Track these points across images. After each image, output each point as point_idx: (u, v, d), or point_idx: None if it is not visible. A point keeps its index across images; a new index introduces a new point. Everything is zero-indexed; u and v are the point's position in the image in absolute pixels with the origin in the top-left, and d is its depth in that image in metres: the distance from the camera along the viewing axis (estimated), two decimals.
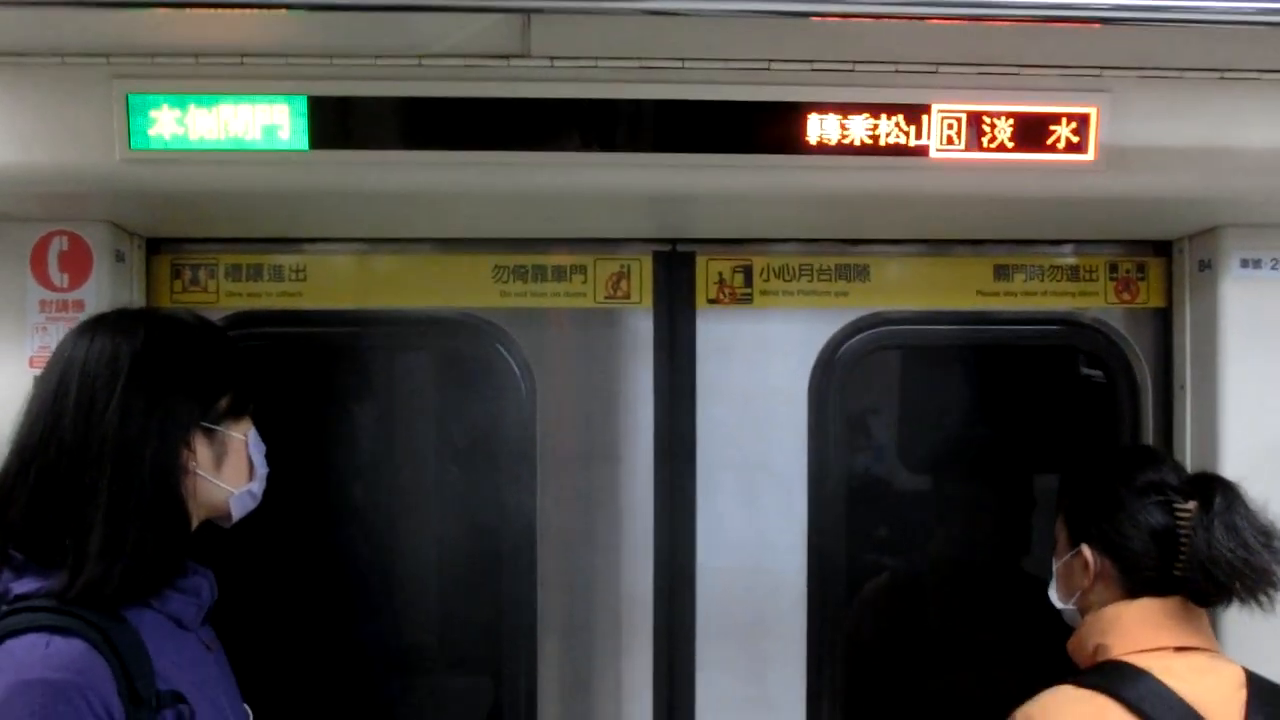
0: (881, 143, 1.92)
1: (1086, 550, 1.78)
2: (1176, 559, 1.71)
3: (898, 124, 1.92)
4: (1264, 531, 1.67)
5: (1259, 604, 1.66)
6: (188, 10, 1.73)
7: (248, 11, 1.73)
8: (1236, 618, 1.74)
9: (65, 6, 1.66)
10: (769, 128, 1.90)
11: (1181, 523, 1.71)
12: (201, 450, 1.56)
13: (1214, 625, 1.82)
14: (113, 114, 1.84)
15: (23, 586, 1.42)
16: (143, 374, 1.49)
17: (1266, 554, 1.65)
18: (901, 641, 2.64)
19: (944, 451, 2.66)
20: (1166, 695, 1.60)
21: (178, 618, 1.53)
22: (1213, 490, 1.70)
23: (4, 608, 1.43)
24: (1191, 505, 1.71)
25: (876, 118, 1.91)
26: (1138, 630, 1.70)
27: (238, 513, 1.66)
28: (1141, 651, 1.68)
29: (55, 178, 1.91)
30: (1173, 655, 1.67)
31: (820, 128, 1.91)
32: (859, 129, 1.92)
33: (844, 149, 1.92)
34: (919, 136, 1.92)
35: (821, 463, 2.40)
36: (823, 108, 1.91)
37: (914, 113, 1.92)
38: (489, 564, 2.43)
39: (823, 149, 1.91)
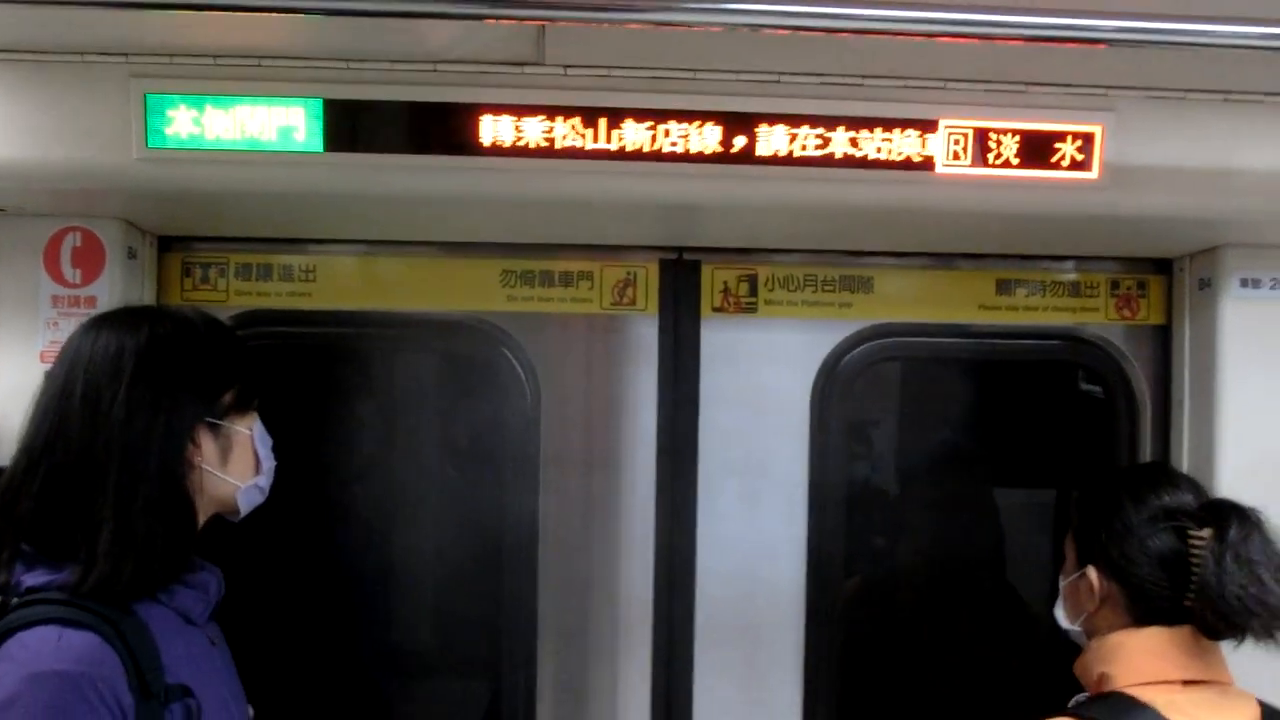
0: (888, 157, 1.94)
1: (1092, 573, 1.68)
2: (1187, 589, 1.59)
3: (905, 139, 1.94)
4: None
5: (1275, 642, 1.55)
6: (206, 13, 1.75)
7: (265, 15, 1.75)
8: (1251, 646, 1.62)
9: (86, 6, 1.68)
10: (777, 140, 1.93)
11: (1194, 551, 1.59)
12: (207, 445, 1.57)
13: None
14: (130, 112, 1.86)
15: (34, 579, 1.44)
16: (146, 370, 1.51)
17: None
18: (898, 648, 2.65)
19: (942, 462, 2.68)
20: None
21: (185, 613, 1.54)
22: (1229, 518, 1.58)
23: (15, 600, 1.44)
24: (1206, 533, 1.59)
25: (884, 132, 1.93)
26: (1143, 661, 1.60)
27: (245, 507, 1.67)
28: (1146, 684, 1.57)
29: (72, 174, 1.92)
30: (1179, 689, 1.57)
31: (829, 141, 1.93)
32: (866, 143, 1.94)
33: (851, 162, 1.94)
34: (926, 151, 1.95)
35: (822, 471, 2.42)
36: (831, 121, 1.93)
37: (921, 128, 1.94)
38: (490, 566, 2.44)
39: (830, 162, 1.93)
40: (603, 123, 1.91)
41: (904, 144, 1.94)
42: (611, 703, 2.41)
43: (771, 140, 1.93)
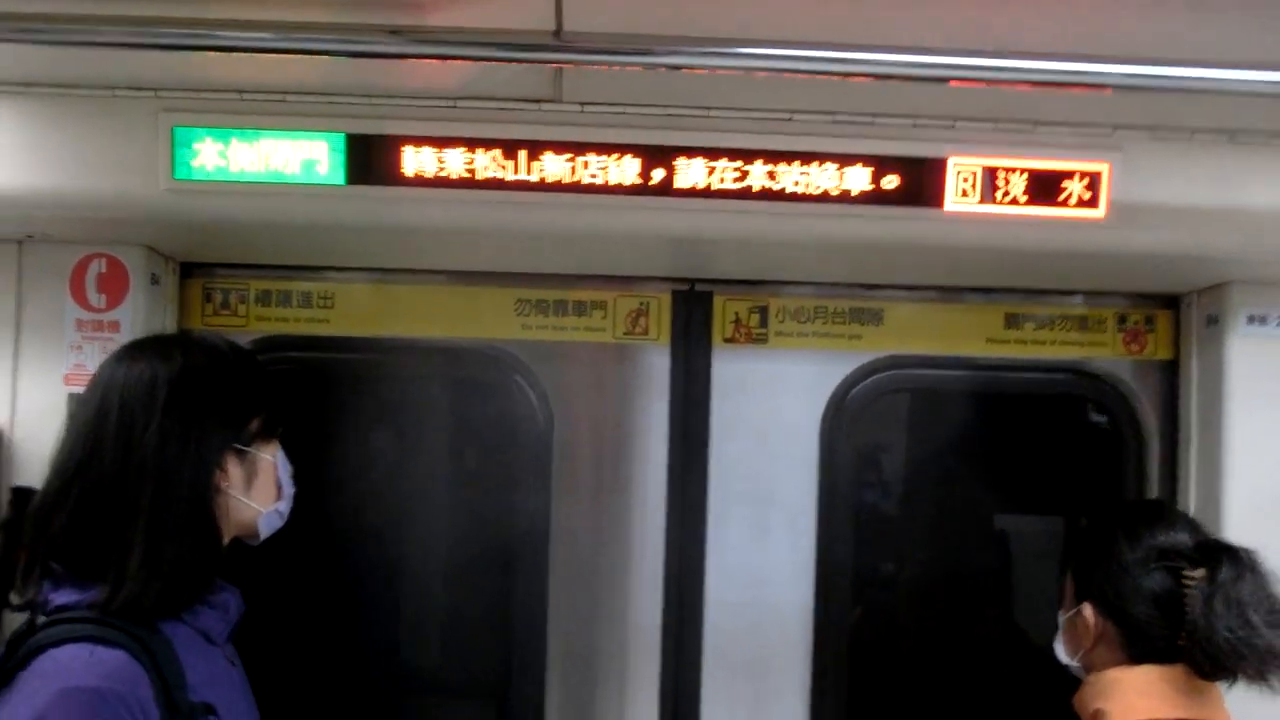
0: (897, 194, 1.97)
1: (1088, 610, 1.69)
2: (1181, 628, 1.60)
3: (914, 176, 1.96)
4: (1274, 610, 1.54)
5: (1268, 685, 1.54)
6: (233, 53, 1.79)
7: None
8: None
9: (116, 47, 1.73)
10: (789, 176, 1.96)
11: (1187, 592, 1.60)
12: (233, 471, 1.62)
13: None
14: (158, 145, 1.91)
15: (62, 598, 1.48)
16: (179, 399, 1.55)
17: (1272, 634, 1.52)
18: (905, 678, 2.65)
19: (950, 494, 2.69)
20: None
21: (207, 632, 1.57)
22: (1221, 559, 1.58)
23: (43, 619, 1.48)
24: (1199, 574, 1.59)
25: (893, 170, 1.96)
26: (1136, 699, 1.60)
27: (265, 531, 1.71)
28: None
29: (100, 203, 1.97)
30: None
31: (840, 178, 1.96)
32: (876, 180, 1.96)
33: (862, 199, 1.97)
34: (934, 189, 1.97)
35: (831, 501, 2.44)
36: (842, 159, 1.96)
37: (930, 166, 1.97)
38: (500, 591, 2.47)
39: (842, 199, 1.96)
40: (620, 159, 1.94)
41: (913, 182, 1.96)
42: None
43: (784, 178, 1.96)
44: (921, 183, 1.97)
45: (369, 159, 1.92)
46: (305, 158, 1.92)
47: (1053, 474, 2.60)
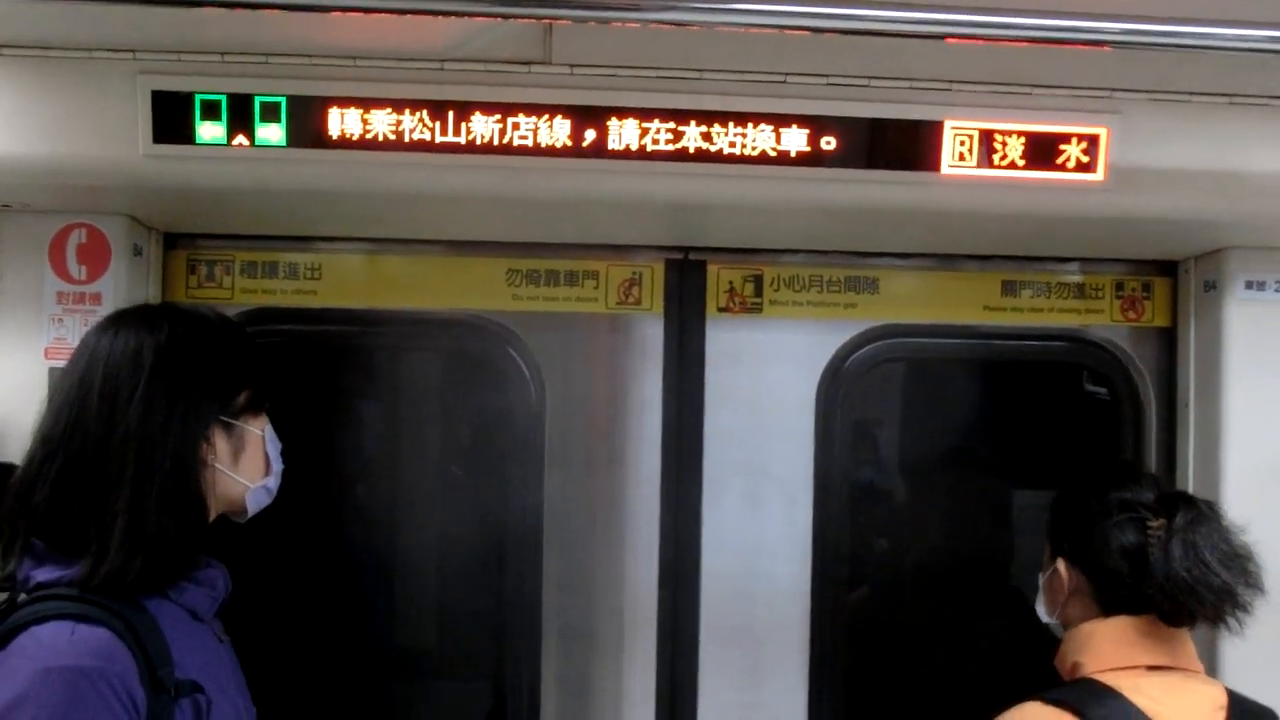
0: (893, 158, 1.95)
1: (1062, 565, 1.78)
2: (1147, 578, 1.67)
3: (910, 139, 1.94)
4: (1228, 552, 1.63)
5: (1226, 626, 1.63)
6: (214, 9, 1.75)
7: (273, 12, 1.75)
8: (1234, 641, 1.70)
9: (93, 2, 1.69)
10: (783, 140, 1.93)
11: (1149, 541, 1.69)
12: (220, 444, 1.58)
13: (1213, 647, 1.81)
14: (137, 109, 1.86)
15: (44, 575, 1.44)
16: (165, 368, 1.52)
17: (1226, 574, 1.61)
18: (902, 648, 2.65)
19: (947, 463, 2.68)
20: (1133, 714, 1.57)
21: (193, 609, 1.55)
22: (1178, 507, 1.68)
23: (23, 596, 1.45)
24: (1159, 523, 1.69)
25: (889, 133, 1.94)
26: (1110, 648, 1.68)
27: (253, 508, 1.68)
28: (1113, 670, 1.65)
29: (78, 170, 1.93)
30: (1144, 674, 1.65)
31: (833, 141, 1.93)
32: (872, 143, 1.94)
33: (857, 162, 1.94)
34: (931, 152, 1.95)
35: (827, 471, 2.43)
36: (837, 122, 1.93)
37: (927, 129, 1.94)
38: (494, 564, 2.45)
39: (835, 162, 1.93)
40: (609, 122, 1.91)
41: (909, 145, 1.94)
42: (616, 701, 2.41)
43: (777, 141, 1.93)
44: (918, 146, 1.94)
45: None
46: (287, 121, 1.87)
47: (1050, 442, 2.59)
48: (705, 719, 2.41)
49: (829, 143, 1.93)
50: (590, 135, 1.91)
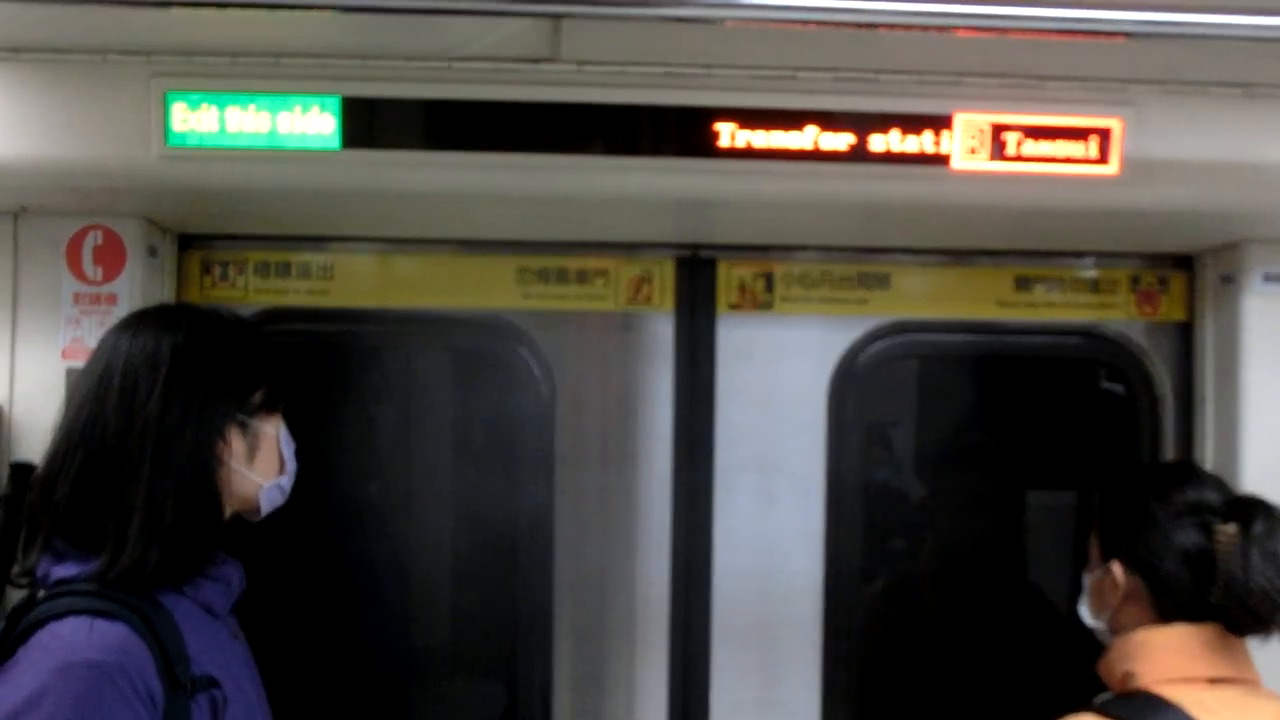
0: (903, 153, 1.93)
1: (1116, 568, 1.66)
2: (1211, 585, 1.58)
3: (920, 134, 1.92)
4: None
5: None
6: (226, 10, 1.76)
7: (284, 13, 1.76)
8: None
9: (108, 4, 1.70)
10: (793, 136, 1.92)
11: (1219, 547, 1.59)
12: (236, 442, 1.60)
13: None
14: (151, 111, 1.88)
15: (63, 571, 1.47)
16: (183, 368, 1.54)
17: None
18: (917, 646, 2.64)
19: (960, 459, 2.67)
20: None
21: (209, 605, 1.56)
22: (1254, 514, 1.57)
23: (43, 592, 1.47)
24: (1231, 528, 1.58)
25: (899, 128, 1.92)
26: (1168, 658, 1.59)
27: (266, 506, 1.69)
28: (1172, 681, 1.56)
29: (93, 172, 1.95)
30: (1206, 687, 1.55)
31: (843, 137, 1.92)
32: (882, 139, 1.93)
33: (866, 158, 1.93)
34: (941, 147, 1.93)
35: (839, 468, 2.42)
36: (846, 117, 1.92)
37: (937, 123, 1.93)
38: (506, 562, 2.45)
39: (846, 157, 1.93)
40: (619, 120, 1.91)
41: (919, 140, 1.92)
42: (629, 699, 2.41)
43: (787, 137, 1.92)
44: (928, 140, 1.93)
45: (364, 123, 1.88)
46: (301, 122, 1.88)
47: (1066, 438, 2.57)
48: (718, 716, 2.40)
49: (839, 138, 1.92)
50: (600, 133, 1.92)
